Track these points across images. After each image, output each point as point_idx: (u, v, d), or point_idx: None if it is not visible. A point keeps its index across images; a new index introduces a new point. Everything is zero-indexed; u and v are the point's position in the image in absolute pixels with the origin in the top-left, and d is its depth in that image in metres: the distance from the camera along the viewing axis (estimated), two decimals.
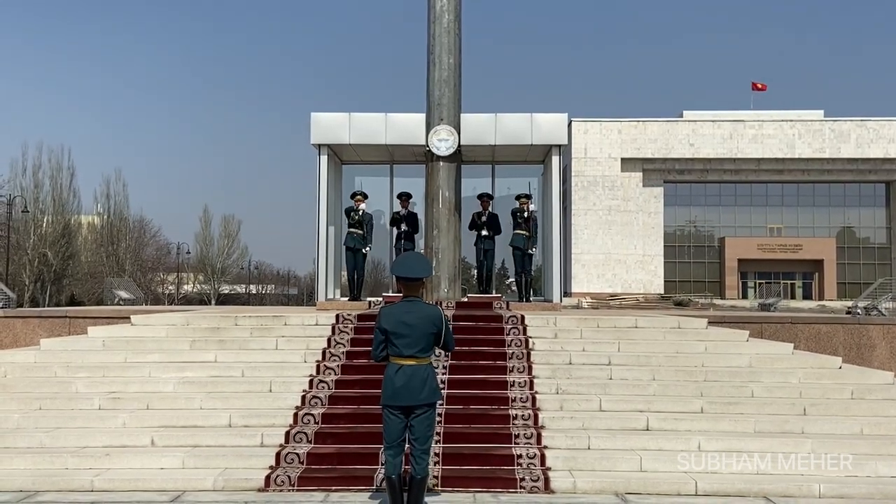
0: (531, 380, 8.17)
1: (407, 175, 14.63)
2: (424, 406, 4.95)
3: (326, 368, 8.42)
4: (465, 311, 11.00)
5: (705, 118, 55.23)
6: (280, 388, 8.11)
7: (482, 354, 8.77)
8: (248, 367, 8.56)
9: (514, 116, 13.09)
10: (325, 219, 13.06)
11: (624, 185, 55.43)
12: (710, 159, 54.88)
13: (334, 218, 13.46)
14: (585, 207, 55.13)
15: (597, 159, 55.19)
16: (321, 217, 13.03)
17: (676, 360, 8.80)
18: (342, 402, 7.74)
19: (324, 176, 13.10)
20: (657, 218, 56.20)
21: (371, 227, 13.00)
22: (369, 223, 12.94)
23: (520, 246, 12.98)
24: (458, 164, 13.05)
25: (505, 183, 14.81)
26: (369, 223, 12.94)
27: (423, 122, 12.89)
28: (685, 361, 8.78)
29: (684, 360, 8.79)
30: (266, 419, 7.44)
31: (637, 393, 8.02)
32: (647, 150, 54.79)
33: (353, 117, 13.09)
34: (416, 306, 5.00)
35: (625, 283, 55.04)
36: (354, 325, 9.52)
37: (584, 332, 9.50)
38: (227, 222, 64.22)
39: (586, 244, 54.97)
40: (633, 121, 55.48)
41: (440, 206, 12.71)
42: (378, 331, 5.01)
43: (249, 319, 9.86)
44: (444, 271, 12.62)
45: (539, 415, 7.44)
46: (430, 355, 5.00)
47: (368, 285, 17.41)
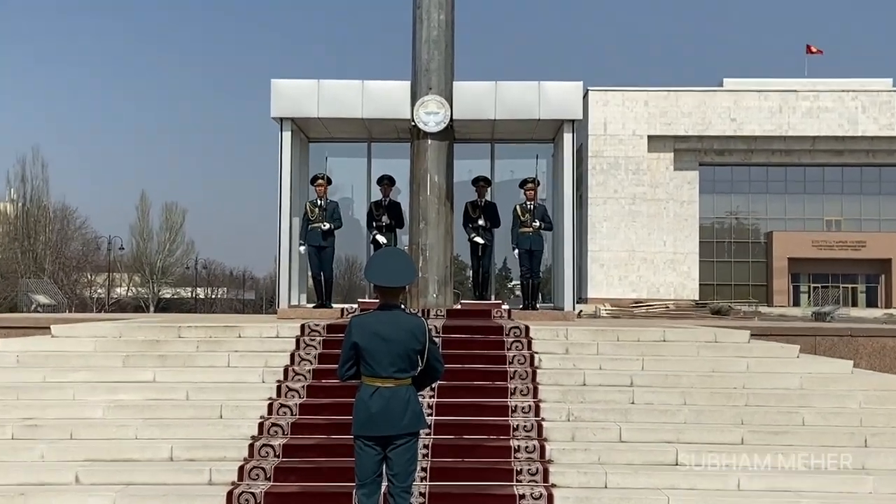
0: (537, 404, 8.18)
1: (388, 155, 14.63)
2: (405, 436, 4.95)
3: (289, 390, 8.40)
4: (457, 320, 11.00)
5: (750, 87, 55.47)
6: (233, 413, 8.08)
7: (478, 373, 8.78)
8: (195, 388, 8.54)
9: (518, 85, 13.11)
10: (287, 208, 13.06)
11: (651, 168, 55.64)
12: (756, 137, 55.13)
13: (299, 207, 13.47)
14: (605, 195, 55.30)
15: (619, 137, 55.35)
16: (283, 206, 13.03)
17: (712, 380, 8.83)
18: (308, 430, 7.73)
19: (287, 156, 13.08)
20: (691, 208, 56.46)
21: (339, 220, 12.99)
22: (335, 214, 12.92)
23: (527, 247, 12.99)
24: (451, 143, 13.05)
25: (507, 166, 14.83)
26: (335, 214, 12.92)
27: (407, 91, 12.88)
28: (723, 382, 8.81)
29: (722, 381, 8.82)
30: (215, 451, 7.42)
31: (664, 420, 8.04)
32: (680, 125, 54.99)
33: (323, 85, 13.08)
34: (396, 316, 5.00)
35: (652, 286, 55.27)
36: (323, 337, 9.50)
37: (602, 347, 9.53)
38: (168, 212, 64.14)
39: (606, 240, 55.17)
40: (663, 90, 55.67)
41: (428, 193, 12.71)
42: (347, 344, 5.01)
43: (196, 330, 9.84)
44: (433, 273, 12.64)
45: (546, 446, 7.46)
46: (411, 376, 5.01)
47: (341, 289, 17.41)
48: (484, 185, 13.39)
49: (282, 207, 13.05)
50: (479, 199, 13.30)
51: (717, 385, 8.75)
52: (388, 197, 13.35)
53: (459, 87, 12.91)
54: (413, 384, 5.02)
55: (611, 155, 55.38)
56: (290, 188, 13.08)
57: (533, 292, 13.20)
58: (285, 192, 13.04)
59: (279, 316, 12.60)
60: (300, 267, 13.80)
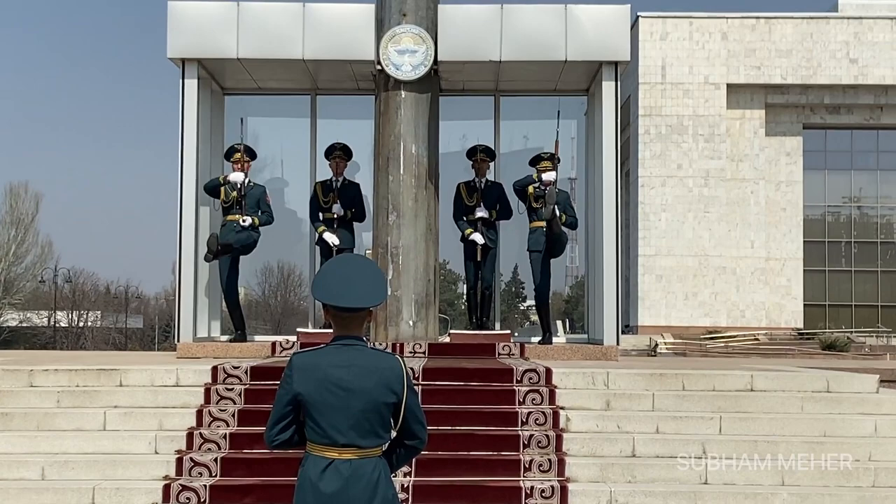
0: (563, 486, 8.20)
1: (342, 115, 14.65)
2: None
3: (195, 465, 8.38)
4: (445, 360, 11.00)
5: (878, 14, 55.63)
6: (110, 500, 8.06)
7: (477, 440, 8.80)
8: (54, 462, 8.51)
9: (534, 9, 13.19)
10: (192, 194, 13.05)
11: (733, 132, 55.68)
12: (887, 87, 55.29)
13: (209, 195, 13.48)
14: (663, 173, 55.30)
15: (684, 86, 55.37)
16: (186, 191, 13.03)
17: (822, 449, 8.84)
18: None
19: (191, 115, 13.08)
20: (792, 192, 56.50)
21: (268, 212, 13.07)
22: (260, 203, 12.98)
23: (538, 248, 13.04)
24: (435, 96, 13.07)
25: (519, 129, 14.87)
26: (260, 203, 12.98)
27: (370, 17, 12.91)
28: (839, 452, 8.83)
29: (837, 451, 8.82)
30: None
31: None
32: (775, 69, 55.03)
33: (245, 8, 13.09)
34: (358, 355, 4.98)
35: (733, 309, 55.29)
36: (245, 385, 9.50)
37: (660, 400, 9.56)
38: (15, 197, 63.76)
39: (664, 239, 55.11)
40: (750, 16, 55.76)
41: (401, 170, 12.73)
42: (284, 396, 5.01)
43: (56, 376, 9.81)
44: (409, 289, 12.66)
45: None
46: (382, 444, 5.01)
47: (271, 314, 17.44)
48: (485, 158, 13.42)
49: (184, 192, 13.03)
50: (477, 179, 13.34)
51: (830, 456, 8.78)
52: (342, 176, 13.37)
53: (448, 13, 12.96)
54: (383, 457, 5.03)
55: (672, 113, 55.33)
56: (195, 163, 13.06)
57: (546, 316, 13.32)
58: (188, 168, 13.02)
59: (179, 354, 12.57)
60: (211, 280, 13.80)
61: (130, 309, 75.53)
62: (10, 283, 62.48)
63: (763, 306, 55.61)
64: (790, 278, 56.30)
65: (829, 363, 16.48)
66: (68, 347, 56.68)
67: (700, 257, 55.21)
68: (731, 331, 51.93)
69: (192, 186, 13.06)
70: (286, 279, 18.10)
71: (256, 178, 13.86)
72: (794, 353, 39.29)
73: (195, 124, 13.12)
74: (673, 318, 53.94)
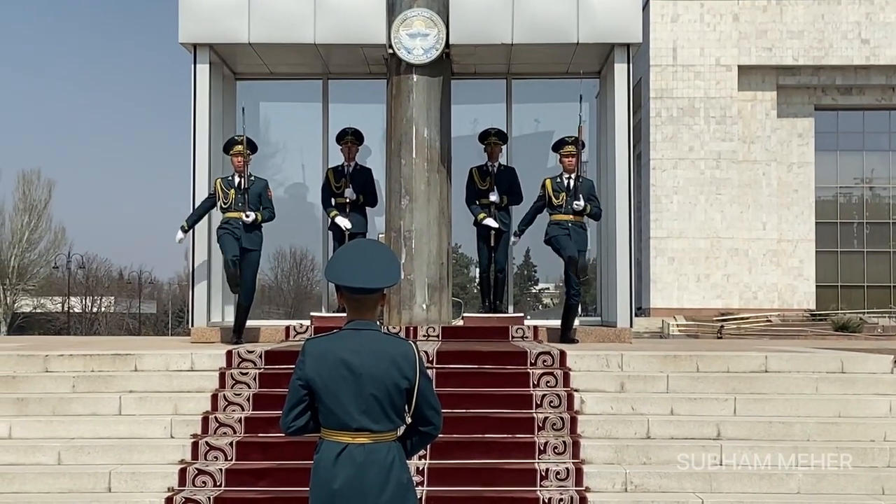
0: (578, 468, 8.19)
1: (354, 99, 14.63)
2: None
3: (211, 449, 8.39)
4: (459, 344, 10.99)
5: None
6: (127, 484, 8.07)
7: (491, 422, 8.80)
8: (70, 447, 8.52)
9: None
10: (205, 179, 13.02)
11: (744, 114, 55.61)
12: None
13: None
14: (675, 155, 55.29)
15: (695, 68, 55.31)
16: (198, 177, 13.03)
17: (837, 430, 8.85)
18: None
19: (203, 102, 13.09)
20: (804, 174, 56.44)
21: (270, 208, 12.42)
22: (262, 198, 12.31)
23: (556, 234, 12.28)
24: (447, 80, 13.03)
25: (530, 112, 14.83)
26: (262, 198, 12.31)
27: (381, 2, 12.87)
28: (853, 433, 8.83)
29: (851, 432, 8.84)
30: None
31: (769, 489, 8.06)
32: (786, 51, 54.94)
33: None
34: (371, 339, 4.97)
35: (745, 290, 55.30)
36: (260, 369, 9.49)
37: (674, 382, 9.55)
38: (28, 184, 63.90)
39: (676, 221, 55.14)
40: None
41: (413, 154, 12.71)
42: (297, 382, 4.99)
43: (71, 361, 9.82)
44: (421, 272, 12.64)
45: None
46: (395, 428, 4.99)
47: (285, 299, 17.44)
48: (497, 141, 13.38)
49: (196, 179, 13.04)
50: (489, 163, 13.30)
51: (844, 437, 8.77)
52: (354, 161, 13.34)
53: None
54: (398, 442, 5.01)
55: (683, 95, 55.30)
56: (208, 148, 13.07)
57: (570, 313, 12.65)
58: (201, 153, 13.03)
59: (194, 338, 12.58)
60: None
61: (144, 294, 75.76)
62: (23, 270, 62.62)
63: (775, 288, 55.63)
64: (802, 260, 56.30)
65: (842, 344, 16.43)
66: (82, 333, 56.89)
67: (712, 239, 55.23)
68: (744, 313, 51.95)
69: (205, 171, 13.05)
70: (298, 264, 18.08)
71: (267, 163, 13.86)
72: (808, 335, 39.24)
73: (207, 109, 13.12)
74: (685, 300, 54.03)
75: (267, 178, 12.85)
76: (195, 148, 13.01)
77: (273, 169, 14.90)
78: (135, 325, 68.42)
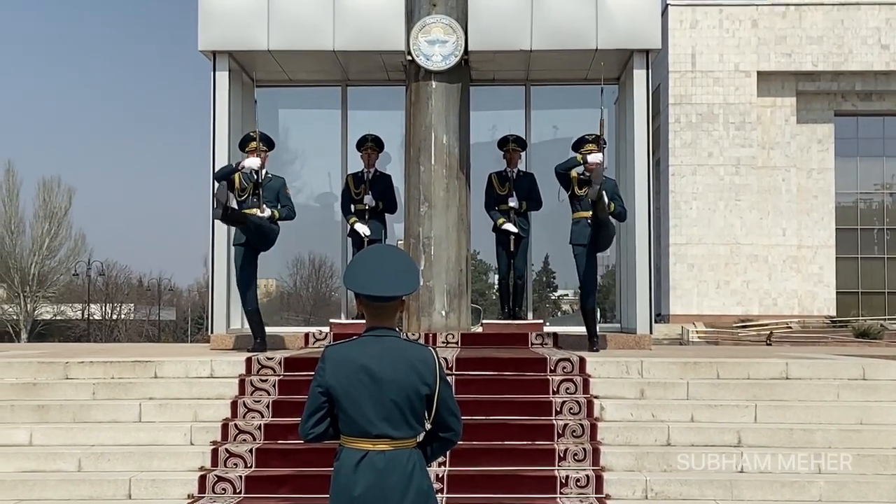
0: (598, 475, 8.18)
1: (373, 106, 14.65)
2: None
3: (230, 456, 8.42)
4: (478, 350, 10.98)
5: None
6: (147, 491, 8.09)
7: (510, 429, 8.80)
8: (90, 454, 8.55)
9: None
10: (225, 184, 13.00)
11: (764, 120, 55.45)
12: None
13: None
14: (693, 161, 55.14)
15: (714, 74, 55.18)
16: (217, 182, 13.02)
17: (859, 437, 8.82)
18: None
19: (223, 107, 13.14)
20: (823, 179, 56.22)
21: (287, 206, 12.07)
22: (280, 196, 11.99)
23: (582, 241, 12.03)
24: (465, 87, 13.03)
25: (548, 119, 14.82)
26: (280, 196, 11.99)
27: (400, 9, 12.88)
28: (875, 440, 8.79)
29: (874, 439, 8.80)
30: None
31: (790, 497, 8.04)
32: (806, 57, 54.76)
33: (276, 1, 13.09)
34: (391, 346, 4.96)
35: (765, 297, 55.10)
36: (279, 376, 9.52)
37: (694, 389, 9.53)
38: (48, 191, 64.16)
39: (695, 228, 54.98)
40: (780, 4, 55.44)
41: (432, 160, 12.71)
42: (317, 389, 4.98)
43: (92, 368, 9.86)
44: (441, 279, 12.64)
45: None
46: (416, 435, 4.98)
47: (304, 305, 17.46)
48: (516, 147, 13.36)
49: (215, 184, 13.01)
50: (508, 169, 13.28)
51: (866, 444, 8.74)
52: (374, 167, 13.34)
53: (478, 2, 12.89)
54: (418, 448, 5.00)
55: (702, 101, 55.16)
56: (228, 157, 13.08)
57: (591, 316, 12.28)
58: (221, 162, 13.02)
59: (213, 345, 12.61)
60: None
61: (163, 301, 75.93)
62: (44, 277, 62.85)
63: (795, 294, 55.43)
64: (822, 266, 56.09)
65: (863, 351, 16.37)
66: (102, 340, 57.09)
67: (731, 245, 55.08)
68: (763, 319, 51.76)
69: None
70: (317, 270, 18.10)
71: (287, 170, 13.85)
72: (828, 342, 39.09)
73: (227, 116, 13.18)
74: (704, 306, 53.85)
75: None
76: (215, 155, 13.06)
77: (292, 175, 14.92)
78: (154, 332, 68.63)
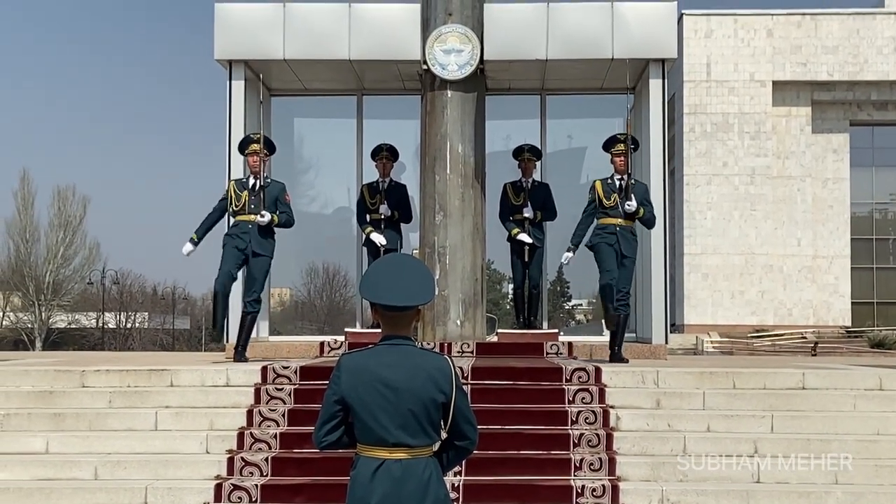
0: (614, 485, 8.16)
1: (388, 115, 14.67)
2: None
3: (246, 465, 8.42)
4: (493, 360, 10.96)
5: None
6: (162, 500, 8.10)
7: (526, 439, 8.78)
8: (106, 462, 8.56)
9: (581, 7, 13.18)
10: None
11: (779, 130, 55.32)
12: None
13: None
14: (708, 171, 55.03)
15: (729, 84, 55.07)
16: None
17: (876, 448, 8.78)
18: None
19: (238, 116, 13.18)
20: (839, 189, 56.05)
21: (286, 213, 11.62)
22: (278, 202, 11.54)
23: (601, 243, 11.41)
24: (481, 96, 13.04)
25: (564, 128, 14.82)
26: (278, 202, 11.54)
27: (416, 16, 12.92)
28: (893, 451, 8.75)
29: (891, 449, 8.76)
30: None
31: None
32: (821, 66, 54.63)
33: (291, 10, 13.16)
34: (406, 354, 4.96)
35: (780, 307, 54.94)
36: (295, 385, 9.51)
37: (711, 399, 9.49)
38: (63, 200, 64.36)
39: (710, 237, 54.84)
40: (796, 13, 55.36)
41: (448, 170, 12.72)
42: (332, 397, 4.98)
43: (108, 376, 9.86)
44: (456, 288, 12.63)
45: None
46: (432, 443, 4.97)
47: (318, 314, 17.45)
48: (531, 157, 13.35)
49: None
50: (523, 179, 13.27)
51: (883, 455, 8.69)
52: (389, 177, 13.35)
53: (494, 12, 12.94)
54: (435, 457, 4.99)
55: (717, 111, 55.04)
56: (243, 163, 13.04)
57: (624, 320, 11.78)
58: (236, 171, 13.04)
59: (228, 354, 12.59)
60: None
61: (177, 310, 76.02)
62: (58, 285, 63.01)
63: (810, 304, 55.26)
64: (837, 276, 55.91)
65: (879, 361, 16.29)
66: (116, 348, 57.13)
67: (746, 255, 54.94)
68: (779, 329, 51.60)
69: None
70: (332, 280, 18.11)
71: (301, 179, 13.89)
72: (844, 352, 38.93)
73: (242, 125, 13.21)
74: (719, 316, 53.73)
75: (300, 193, 12.88)
76: (230, 164, 13.10)
77: (306, 185, 14.98)
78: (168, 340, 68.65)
